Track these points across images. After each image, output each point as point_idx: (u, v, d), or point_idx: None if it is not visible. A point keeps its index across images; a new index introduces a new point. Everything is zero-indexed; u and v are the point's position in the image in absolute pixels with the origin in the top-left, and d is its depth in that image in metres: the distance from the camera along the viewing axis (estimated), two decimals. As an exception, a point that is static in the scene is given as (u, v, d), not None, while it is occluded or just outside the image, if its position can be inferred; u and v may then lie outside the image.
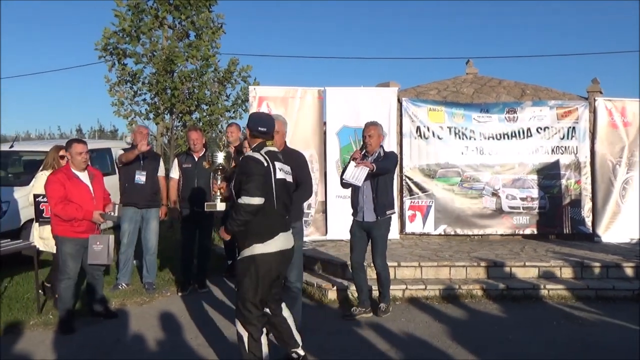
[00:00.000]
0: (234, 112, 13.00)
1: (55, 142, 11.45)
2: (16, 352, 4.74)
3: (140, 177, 6.52)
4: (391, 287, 5.83)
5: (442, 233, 8.67)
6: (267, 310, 4.07)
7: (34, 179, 6.54)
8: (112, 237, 5.33)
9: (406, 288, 6.32)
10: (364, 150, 5.59)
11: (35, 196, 5.78)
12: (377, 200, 5.46)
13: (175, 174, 6.66)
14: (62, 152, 5.81)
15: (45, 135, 27.74)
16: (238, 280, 3.98)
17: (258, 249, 3.83)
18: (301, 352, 4.19)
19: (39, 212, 5.76)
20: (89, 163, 5.41)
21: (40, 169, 6.13)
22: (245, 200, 3.74)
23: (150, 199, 6.62)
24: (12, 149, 9.44)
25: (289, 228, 4.05)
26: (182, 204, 6.63)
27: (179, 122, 12.50)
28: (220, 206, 4.40)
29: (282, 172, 3.96)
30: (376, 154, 5.56)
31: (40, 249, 5.89)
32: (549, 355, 4.69)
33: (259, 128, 3.99)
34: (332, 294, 6.28)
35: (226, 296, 6.46)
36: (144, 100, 12.58)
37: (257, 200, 3.74)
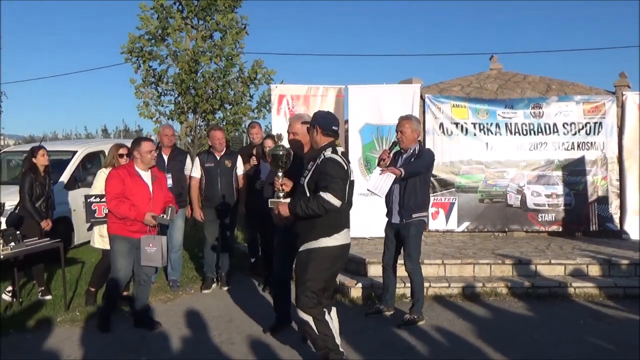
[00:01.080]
0: (257, 112, 13.03)
1: (82, 142, 11.64)
2: (44, 348, 4.83)
3: (168, 181, 6.54)
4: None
5: (466, 230, 8.60)
6: None
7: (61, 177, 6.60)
8: (165, 238, 5.14)
9: (429, 286, 6.27)
10: (397, 147, 5.37)
11: (87, 197, 5.82)
12: (402, 202, 5.27)
13: (197, 173, 6.67)
14: (121, 151, 5.85)
15: (72, 135, 28.16)
16: (300, 268, 4.03)
17: (325, 242, 3.92)
18: None
19: (90, 212, 5.75)
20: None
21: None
22: (329, 198, 3.77)
23: (176, 199, 6.65)
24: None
25: (349, 224, 4.12)
26: (205, 203, 6.67)
27: (202, 121, 12.58)
28: (274, 202, 4.22)
29: (352, 173, 4.06)
30: (411, 151, 5.32)
31: (98, 246, 5.88)
32: (577, 354, 4.62)
33: (333, 127, 4.08)
34: (355, 292, 6.26)
35: (249, 294, 6.49)
36: (169, 100, 12.69)
37: (338, 204, 3.81)
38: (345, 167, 3.94)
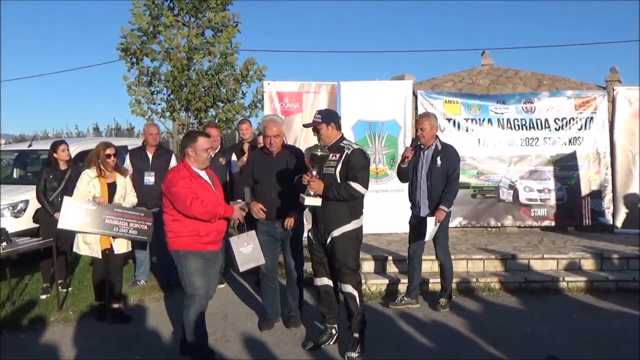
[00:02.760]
0: (250, 110, 13.00)
1: (73, 140, 11.54)
2: (39, 347, 4.82)
3: (149, 179, 6.51)
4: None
5: (459, 226, 8.62)
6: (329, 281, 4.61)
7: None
8: (254, 232, 4.78)
9: (423, 281, 6.28)
10: (418, 143, 5.54)
11: (67, 199, 5.42)
12: (431, 196, 5.45)
13: (190, 170, 6.65)
14: (108, 151, 5.38)
15: (63, 134, 28.00)
16: (339, 250, 4.37)
17: (356, 224, 4.42)
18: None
19: (66, 217, 5.28)
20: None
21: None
22: (357, 187, 4.26)
23: (159, 198, 6.58)
24: (30, 148, 9.55)
25: None
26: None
27: (194, 119, 12.55)
28: (310, 201, 4.21)
29: None
30: (433, 147, 5.49)
31: (84, 254, 5.56)
32: (570, 347, 4.64)
33: (340, 122, 4.62)
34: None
35: (243, 291, 6.49)
36: (162, 98, 12.65)
37: (364, 192, 4.34)
38: (369, 156, 4.59)
